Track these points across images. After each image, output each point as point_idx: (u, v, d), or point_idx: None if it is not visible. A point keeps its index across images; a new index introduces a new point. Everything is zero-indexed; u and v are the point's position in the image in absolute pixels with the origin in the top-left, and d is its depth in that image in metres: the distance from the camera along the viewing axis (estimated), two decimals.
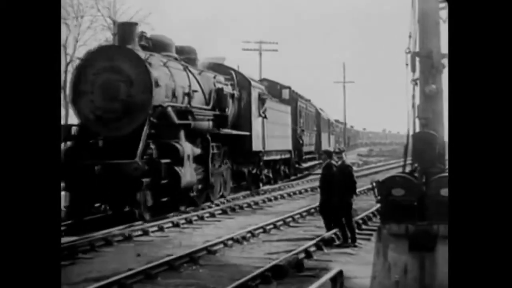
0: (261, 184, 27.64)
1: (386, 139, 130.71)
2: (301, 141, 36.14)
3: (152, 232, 15.11)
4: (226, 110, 22.03)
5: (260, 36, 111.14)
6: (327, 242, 12.95)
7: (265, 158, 27.52)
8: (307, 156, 39.78)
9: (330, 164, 14.18)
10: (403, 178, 7.50)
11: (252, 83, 25.90)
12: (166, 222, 16.17)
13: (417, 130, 7.86)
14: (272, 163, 29.79)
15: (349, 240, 13.21)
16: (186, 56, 21.57)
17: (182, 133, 17.69)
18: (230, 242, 13.23)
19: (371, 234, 13.88)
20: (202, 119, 19.66)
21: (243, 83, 25.15)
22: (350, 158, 62.69)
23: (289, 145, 32.94)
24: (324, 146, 43.32)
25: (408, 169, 8.03)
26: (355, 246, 13.03)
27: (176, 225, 16.21)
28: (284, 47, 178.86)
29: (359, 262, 11.46)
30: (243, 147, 24.21)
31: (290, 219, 16.87)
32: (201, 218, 17.57)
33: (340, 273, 7.54)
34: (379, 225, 7.43)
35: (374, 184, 7.65)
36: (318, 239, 12.92)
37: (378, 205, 8.18)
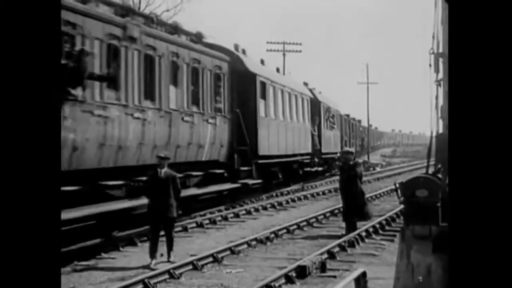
0: None
1: (395, 139, 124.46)
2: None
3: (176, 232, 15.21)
4: None
5: (284, 37, 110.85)
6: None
7: None
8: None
9: (352, 164, 14.25)
10: (426, 179, 7.45)
11: None
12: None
13: (441, 131, 7.82)
14: None
15: None
16: None
17: None
18: None
19: (394, 235, 13.85)
20: None
21: None
22: (374, 159, 62.13)
23: None
24: (300, 145, 28.71)
25: (431, 170, 7.99)
26: None
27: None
28: (308, 47, 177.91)
29: (382, 263, 11.46)
30: None
31: None
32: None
33: (363, 273, 7.55)
34: (403, 226, 7.39)
35: (397, 185, 7.62)
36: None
37: (402, 206, 8.15)
